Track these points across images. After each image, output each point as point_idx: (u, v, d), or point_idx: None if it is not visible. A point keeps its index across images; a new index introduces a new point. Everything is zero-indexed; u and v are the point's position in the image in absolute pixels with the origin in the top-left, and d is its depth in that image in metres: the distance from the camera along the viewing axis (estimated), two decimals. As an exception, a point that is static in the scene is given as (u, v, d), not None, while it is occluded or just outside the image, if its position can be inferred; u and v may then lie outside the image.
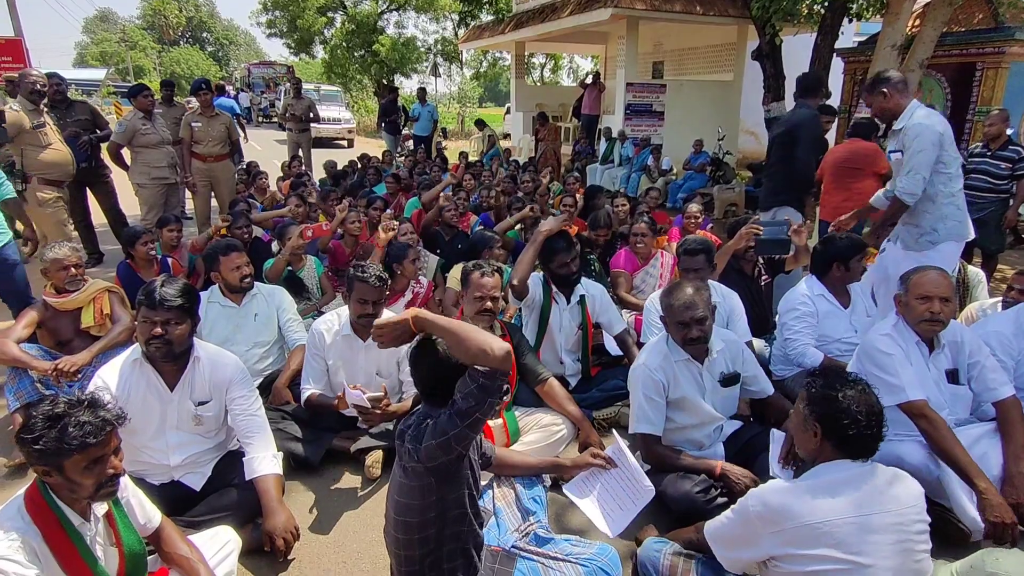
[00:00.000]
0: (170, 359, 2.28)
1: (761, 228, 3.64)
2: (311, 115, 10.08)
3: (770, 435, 2.40)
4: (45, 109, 5.12)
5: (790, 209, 4.52)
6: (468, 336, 1.55)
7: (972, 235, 3.48)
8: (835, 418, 1.60)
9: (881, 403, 1.66)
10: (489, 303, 2.78)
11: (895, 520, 1.55)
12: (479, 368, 1.55)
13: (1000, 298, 3.40)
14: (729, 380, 2.66)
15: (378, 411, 2.52)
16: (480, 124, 14.01)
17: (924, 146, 3.21)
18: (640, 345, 3.53)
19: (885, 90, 3.34)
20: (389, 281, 3.09)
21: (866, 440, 1.61)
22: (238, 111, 10.95)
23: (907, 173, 3.27)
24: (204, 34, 60.99)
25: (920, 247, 3.42)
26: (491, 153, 11.78)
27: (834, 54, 8.32)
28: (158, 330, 2.21)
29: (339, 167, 8.85)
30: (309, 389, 2.94)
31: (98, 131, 5.81)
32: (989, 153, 5.25)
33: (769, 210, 4.67)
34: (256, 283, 3.48)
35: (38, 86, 4.91)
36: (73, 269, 3.22)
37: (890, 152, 3.49)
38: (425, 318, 1.63)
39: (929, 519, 1.63)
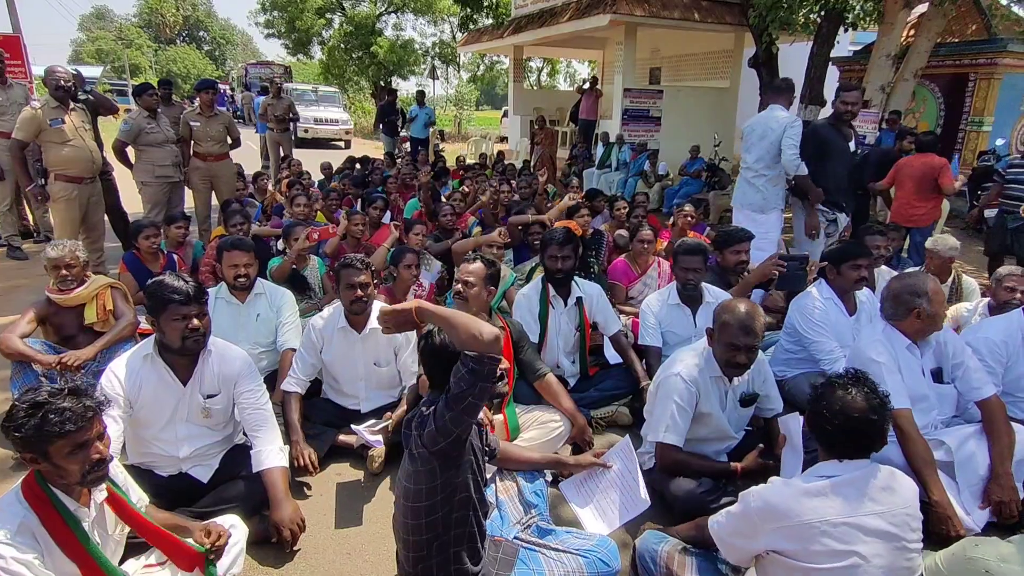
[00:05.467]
0: (200, 350, 2.34)
1: (784, 265, 3.67)
2: (291, 115, 10.10)
3: (778, 423, 2.47)
4: (80, 106, 5.22)
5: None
6: (459, 323, 1.63)
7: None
8: (816, 420, 1.65)
9: (874, 407, 1.63)
10: (459, 286, 2.89)
11: (889, 520, 1.60)
12: (469, 353, 1.62)
13: (986, 299, 3.50)
14: (749, 400, 2.63)
15: (388, 433, 2.82)
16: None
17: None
18: (636, 348, 3.61)
19: None
20: (381, 274, 3.16)
21: (848, 443, 1.62)
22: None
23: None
24: (201, 33, 60.81)
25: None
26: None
27: (829, 63, 8.42)
28: (195, 323, 2.26)
29: (333, 168, 8.90)
30: (293, 385, 2.97)
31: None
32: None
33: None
34: (263, 282, 3.46)
35: (62, 82, 4.97)
36: (64, 270, 3.18)
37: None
38: (425, 308, 1.74)
39: (922, 516, 1.68)
